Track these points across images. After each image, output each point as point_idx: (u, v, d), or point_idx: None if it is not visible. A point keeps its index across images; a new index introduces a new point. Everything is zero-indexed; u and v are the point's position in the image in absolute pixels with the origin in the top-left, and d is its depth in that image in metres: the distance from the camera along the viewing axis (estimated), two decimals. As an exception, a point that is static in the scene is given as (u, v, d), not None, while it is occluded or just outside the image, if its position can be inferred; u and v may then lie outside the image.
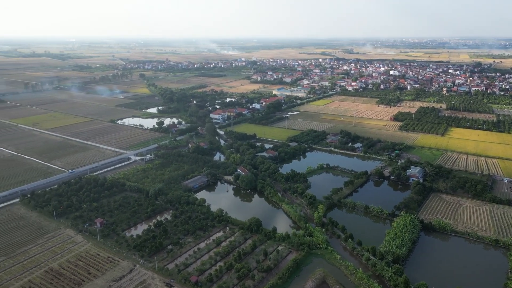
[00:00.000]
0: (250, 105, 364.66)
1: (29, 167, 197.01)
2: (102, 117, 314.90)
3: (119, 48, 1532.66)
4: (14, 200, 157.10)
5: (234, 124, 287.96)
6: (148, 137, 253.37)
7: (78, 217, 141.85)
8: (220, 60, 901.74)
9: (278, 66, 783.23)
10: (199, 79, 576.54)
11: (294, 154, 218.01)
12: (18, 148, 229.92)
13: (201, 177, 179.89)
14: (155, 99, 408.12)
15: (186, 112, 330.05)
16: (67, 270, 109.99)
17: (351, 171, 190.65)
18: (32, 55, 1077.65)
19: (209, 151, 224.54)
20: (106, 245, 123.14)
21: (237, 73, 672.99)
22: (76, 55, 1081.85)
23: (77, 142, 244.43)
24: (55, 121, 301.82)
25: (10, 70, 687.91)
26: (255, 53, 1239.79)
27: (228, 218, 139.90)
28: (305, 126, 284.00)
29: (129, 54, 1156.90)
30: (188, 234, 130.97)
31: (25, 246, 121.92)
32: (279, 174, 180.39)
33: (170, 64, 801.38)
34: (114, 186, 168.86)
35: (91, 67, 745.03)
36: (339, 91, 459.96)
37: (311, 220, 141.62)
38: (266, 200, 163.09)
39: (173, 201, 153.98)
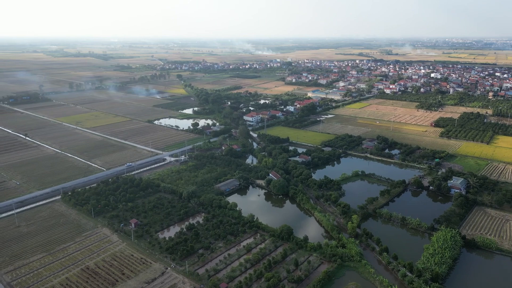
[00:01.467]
0: (284, 108, 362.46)
1: (71, 165, 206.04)
2: (140, 117, 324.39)
3: (158, 48, 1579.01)
4: (56, 197, 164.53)
5: (267, 126, 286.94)
6: (183, 138, 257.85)
7: (114, 216, 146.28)
8: (255, 61, 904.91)
9: (313, 67, 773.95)
10: (234, 80, 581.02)
11: (328, 160, 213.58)
12: (61, 146, 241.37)
13: (233, 181, 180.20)
14: (191, 100, 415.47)
15: (221, 113, 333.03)
16: (102, 269, 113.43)
17: (387, 180, 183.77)
18: (77, 55, 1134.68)
19: (242, 154, 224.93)
20: (139, 246, 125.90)
21: (272, 74, 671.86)
22: (118, 55, 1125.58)
23: (116, 141, 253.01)
24: (96, 120, 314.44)
25: (56, 70, 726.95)
26: (290, 54, 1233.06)
27: (259, 224, 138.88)
28: (340, 130, 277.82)
29: (167, 54, 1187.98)
30: (219, 238, 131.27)
31: (64, 243, 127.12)
32: (312, 181, 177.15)
33: (207, 65, 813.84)
34: (149, 187, 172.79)
35: (131, 67, 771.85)
36: (376, 94, 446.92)
37: (344, 231, 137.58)
38: (298, 206, 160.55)
39: (205, 204, 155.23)
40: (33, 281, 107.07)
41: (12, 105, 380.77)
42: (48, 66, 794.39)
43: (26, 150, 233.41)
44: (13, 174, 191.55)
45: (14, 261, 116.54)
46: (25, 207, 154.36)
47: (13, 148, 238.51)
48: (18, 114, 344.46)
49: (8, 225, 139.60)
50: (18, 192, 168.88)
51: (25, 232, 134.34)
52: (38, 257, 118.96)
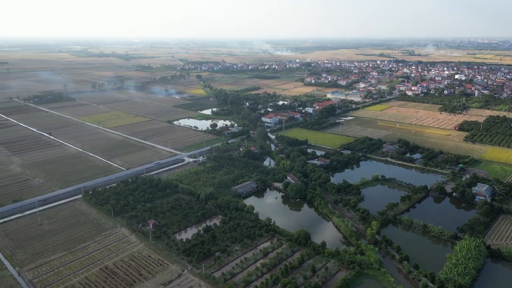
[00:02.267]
0: (303, 109, 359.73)
1: (92, 164, 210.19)
2: (160, 117, 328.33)
3: (179, 48, 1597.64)
4: (77, 196, 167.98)
5: (286, 128, 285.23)
6: (202, 139, 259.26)
7: (133, 216, 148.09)
8: (274, 61, 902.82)
9: (333, 68, 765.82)
10: (252, 81, 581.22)
11: (347, 163, 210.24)
12: (83, 145, 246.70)
13: (251, 183, 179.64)
14: (210, 100, 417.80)
15: (239, 114, 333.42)
16: (120, 269, 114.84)
17: (408, 185, 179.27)
18: (100, 55, 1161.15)
19: (260, 156, 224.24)
20: (157, 247, 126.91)
21: (291, 75, 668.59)
22: (139, 55, 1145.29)
23: (136, 141, 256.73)
24: (118, 120, 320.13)
25: (80, 69, 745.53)
26: (310, 54, 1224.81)
27: (276, 228, 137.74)
28: (360, 133, 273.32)
29: (187, 54, 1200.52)
30: (236, 242, 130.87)
31: (84, 242, 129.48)
32: (330, 184, 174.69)
33: (226, 65, 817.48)
34: (168, 188, 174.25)
35: (152, 67, 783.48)
36: (397, 96, 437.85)
37: (363, 237, 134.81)
38: (315, 211, 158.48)
39: (222, 206, 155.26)
40: (54, 280, 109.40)
41: (38, 104, 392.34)
42: (72, 66, 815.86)
43: (50, 149, 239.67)
44: (37, 172, 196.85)
45: (36, 259, 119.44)
46: (47, 205, 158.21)
47: (37, 146, 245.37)
48: (43, 113, 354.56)
49: (31, 223, 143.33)
50: (41, 190, 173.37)
51: (47, 230, 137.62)
52: (59, 255, 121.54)
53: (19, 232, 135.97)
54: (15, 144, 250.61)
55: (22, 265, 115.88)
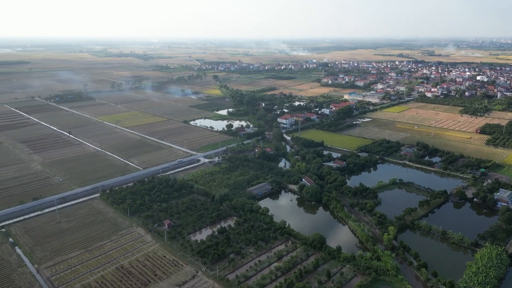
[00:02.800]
0: (319, 110, 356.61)
1: (110, 163, 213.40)
2: (177, 117, 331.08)
3: (196, 48, 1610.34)
4: (95, 195, 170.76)
5: (302, 129, 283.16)
6: (217, 139, 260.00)
7: (148, 216, 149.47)
8: (291, 62, 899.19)
9: (350, 68, 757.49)
10: (268, 81, 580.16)
11: (364, 166, 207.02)
12: (102, 144, 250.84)
13: (265, 185, 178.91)
14: (226, 100, 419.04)
15: (255, 115, 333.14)
16: (136, 269, 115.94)
17: (427, 189, 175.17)
18: (119, 55, 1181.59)
19: (275, 157, 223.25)
20: (172, 247, 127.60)
21: (307, 75, 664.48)
22: (157, 55, 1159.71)
23: (153, 141, 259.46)
24: (135, 120, 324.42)
25: (100, 69, 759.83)
26: (327, 54, 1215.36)
27: (291, 231, 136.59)
28: (377, 135, 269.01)
29: (204, 55, 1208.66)
30: (250, 244, 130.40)
31: (101, 241, 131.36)
32: (346, 188, 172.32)
33: (242, 65, 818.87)
34: (183, 188, 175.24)
35: (169, 67, 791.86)
36: (416, 97, 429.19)
37: (380, 242, 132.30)
38: (331, 214, 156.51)
39: (237, 207, 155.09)
40: (71, 278, 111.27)
41: (58, 103, 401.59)
42: (92, 66, 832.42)
43: (70, 148, 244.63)
44: (57, 170, 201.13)
45: (54, 257, 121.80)
46: (66, 203, 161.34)
47: (57, 145, 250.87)
48: (63, 112, 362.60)
49: (50, 220, 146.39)
50: (61, 188, 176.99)
51: (65, 228, 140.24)
52: (76, 253, 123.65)
53: (38, 230, 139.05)
54: (36, 142, 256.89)
55: (40, 263, 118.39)
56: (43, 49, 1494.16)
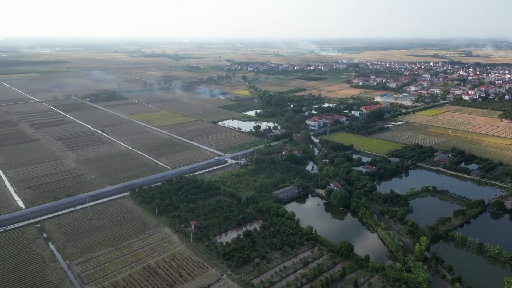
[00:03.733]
0: (349, 112, 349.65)
1: (140, 162, 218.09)
2: (205, 118, 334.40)
3: (226, 49, 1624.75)
4: (125, 193, 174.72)
5: (330, 132, 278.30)
6: (245, 140, 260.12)
7: (176, 216, 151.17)
8: (320, 62, 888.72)
9: (382, 69, 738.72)
10: (297, 82, 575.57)
11: (395, 172, 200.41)
12: (133, 143, 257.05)
13: (292, 188, 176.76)
14: (254, 101, 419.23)
15: (283, 116, 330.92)
16: (162, 269, 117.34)
17: (462, 198, 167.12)
18: (152, 55, 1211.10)
19: (302, 160, 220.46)
20: (198, 249, 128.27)
21: (337, 76, 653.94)
22: (188, 56, 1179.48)
23: (182, 141, 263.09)
24: (165, 119, 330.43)
25: (132, 69, 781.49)
26: (358, 55, 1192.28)
27: (318, 237, 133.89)
28: (410, 139, 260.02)
29: (234, 55, 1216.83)
30: (276, 249, 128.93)
31: (129, 239, 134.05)
32: (376, 194, 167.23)
33: (271, 66, 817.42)
34: (210, 189, 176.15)
35: (199, 68, 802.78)
36: (452, 100, 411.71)
37: (411, 252, 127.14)
38: (359, 221, 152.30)
39: (263, 210, 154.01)
40: (100, 275, 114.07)
41: (93, 102, 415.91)
42: (126, 66, 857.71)
43: (102, 146, 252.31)
44: (90, 168, 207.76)
45: (85, 253, 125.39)
46: (97, 201, 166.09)
47: (91, 143, 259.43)
48: (97, 111, 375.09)
49: (82, 217, 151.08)
50: (93, 186, 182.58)
51: (96, 225, 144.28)
52: (105, 251, 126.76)
53: (70, 226, 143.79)
54: (71, 140, 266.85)
55: (71, 259, 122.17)
56: (80, 49, 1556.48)
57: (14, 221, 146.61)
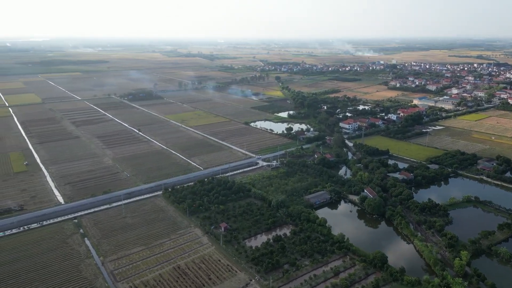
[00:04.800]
0: (385, 115, 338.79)
1: (173, 162, 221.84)
2: (238, 118, 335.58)
3: (260, 49, 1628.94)
4: (158, 192, 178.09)
5: (365, 135, 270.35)
6: (277, 142, 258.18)
7: (206, 217, 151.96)
8: (356, 63, 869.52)
9: (421, 71, 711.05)
10: (332, 83, 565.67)
11: (434, 179, 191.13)
12: (167, 142, 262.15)
13: (324, 193, 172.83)
14: (287, 102, 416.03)
15: (316, 118, 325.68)
16: (191, 270, 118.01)
17: (508, 210, 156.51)
18: (188, 55, 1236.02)
19: (335, 164, 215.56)
20: (227, 252, 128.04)
21: (373, 77, 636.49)
22: (222, 56, 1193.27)
23: (214, 141, 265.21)
24: (199, 119, 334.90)
25: (169, 69, 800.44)
26: (396, 55, 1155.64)
27: (350, 246, 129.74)
28: (450, 145, 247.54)
29: (268, 55, 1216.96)
30: (306, 256, 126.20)
31: (160, 239, 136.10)
32: (413, 202, 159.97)
33: (305, 66, 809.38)
34: (241, 191, 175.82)
35: (233, 68, 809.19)
36: (497, 104, 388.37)
37: (450, 267, 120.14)
38: (394, 230, 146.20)
39: (293, 215, 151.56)
40: (131, 273, 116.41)
41: (131, 101, 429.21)
42: (163, 65, 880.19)
43: (138, 144, 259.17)
44: (125, 166, 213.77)
45: (118, 251, 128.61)
46: (131, 199, 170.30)
47: (128, 141, 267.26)
48: (134, 109, 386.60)
49: (117, 214, 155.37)
50: (127, 184, 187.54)
51: (129, 223, 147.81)
52: (137, 249, 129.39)
53: (106, 223, 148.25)
54: (109, 138, 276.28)
55: (106, 255, 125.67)
56: (121, 49, 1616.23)
57: (54, 215, 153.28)
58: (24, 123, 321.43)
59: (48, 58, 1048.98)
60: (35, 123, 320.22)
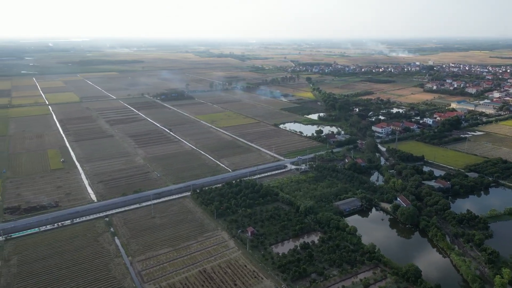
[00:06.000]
0: (420, 119, 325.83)
1: (202, 163, 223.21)
2: (267, 120, 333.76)
3: (291, 49, 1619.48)
4: (186, 193, 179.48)
5: (399, 140, 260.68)
6: (306, 145, 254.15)
7: (233, 221, 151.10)
8: (390, 64, 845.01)
9: (460, 72, 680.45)
10: (364, 85, 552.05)
11: (473, 189, 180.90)
12: (197, 143, 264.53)
13: (354, 200, 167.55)
14: (318, 104, 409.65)
15: (347, 121, 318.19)
16: (217, 275, 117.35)
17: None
18: (219, 56, 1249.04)
19: (366, 170, 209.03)
20: (253, 257, 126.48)
21: (408, 79, 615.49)
22: (253, 56, 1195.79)
23: (243, 142, 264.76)
24: (229, 120, 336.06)
25: (201, 69, 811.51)
26: (433, 56, 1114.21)
27: (381, 257, 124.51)
28: (491, 152, 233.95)
29: (299, 56, 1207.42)
30: (334, 265, 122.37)
31: (187, 241, 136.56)
32: (450, 213, 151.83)
33: (337, 67, 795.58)
34: (268, 195, 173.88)
35: (264, 69, 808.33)
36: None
37: (490, 285, 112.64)
38: (429, 242, 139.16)
39: (322, 222, 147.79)
40: (158, 275, 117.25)
41: (163, 101, 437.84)
42: (195, 66, 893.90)
43: (169, 144, 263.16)
44: (156, 166, 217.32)
45: (146, 251, 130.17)
46: (160, 199, 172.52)
47: (159, 141, 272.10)
48: (166, 109, 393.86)
49: (146, 214, 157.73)
50: (157, 184, 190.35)
51: (158, 223, 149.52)
52: (165, 250, 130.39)
53: (135, 222, 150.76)
54: (141, 137, 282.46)
55: (134, 255, 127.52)
56: (155, 49, 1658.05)
57: (86, 213, 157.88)
58: (62, 121, 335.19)
59: (87, 58, 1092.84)
60: (73, 121, 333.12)
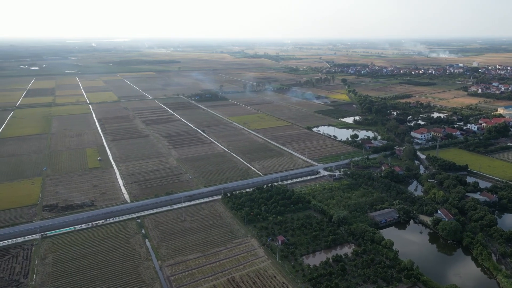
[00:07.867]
0: (464, 125, 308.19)
1: (233, 166, 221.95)
2: (300, 123, 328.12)
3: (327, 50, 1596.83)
4: (217, 196, 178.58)
5: (440, 147, 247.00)
6: (340, 150, 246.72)
7: (263, 228, 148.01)
8: (431, 65, 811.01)
9: (508, 75, 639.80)
10: (403, 87, 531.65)
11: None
12: (229, 145, 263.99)
13: (391, 212, 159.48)
14: (353, 107, 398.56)
15: (384, 126, 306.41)
16: (245, 284, 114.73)
17: None
18: (254, 56, 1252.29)
19: (405, 179, 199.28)
20: (283, 268, 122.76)
21: (451, 82, 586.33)
22: (288, 57, 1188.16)
23: (275, 146, 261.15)
24: (261, 122, 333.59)
25: (235, 70, 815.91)
26: (477, 58, 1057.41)
27: (420, 275, 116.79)
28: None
29: (334, 56, 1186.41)
30: (368, 281, 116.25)
31: (217, 247, 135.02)
32: (497, 230, 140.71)
33: (374, 68, 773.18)
34: (300, 202, 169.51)
35: (298, 69, 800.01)
36: None
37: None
38: (473, 261, 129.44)
39: (356, 234, 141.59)
40: (187, 281, 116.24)
41: (197, 102, 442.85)
42: (229, 66, 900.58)
43: (201, 146, 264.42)
44: (188, 167, 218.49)
45: (176, 256, 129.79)
46: (191, 201, 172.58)
47: (192, 142, 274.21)
48: (200, 110, 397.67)
49: (176, 217, 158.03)
50: (189, 186, 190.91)
51: (188, 227, 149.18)
52: (194, 256, 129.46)
53: (166, 225, 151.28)
54: (175, 138, 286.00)
55: (164, 260, 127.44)
56: (191, 50, 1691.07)
57: (119, 213, 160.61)
58: (101, 120, 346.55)
59: (127, 58, 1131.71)
60: (111, 121, 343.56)
